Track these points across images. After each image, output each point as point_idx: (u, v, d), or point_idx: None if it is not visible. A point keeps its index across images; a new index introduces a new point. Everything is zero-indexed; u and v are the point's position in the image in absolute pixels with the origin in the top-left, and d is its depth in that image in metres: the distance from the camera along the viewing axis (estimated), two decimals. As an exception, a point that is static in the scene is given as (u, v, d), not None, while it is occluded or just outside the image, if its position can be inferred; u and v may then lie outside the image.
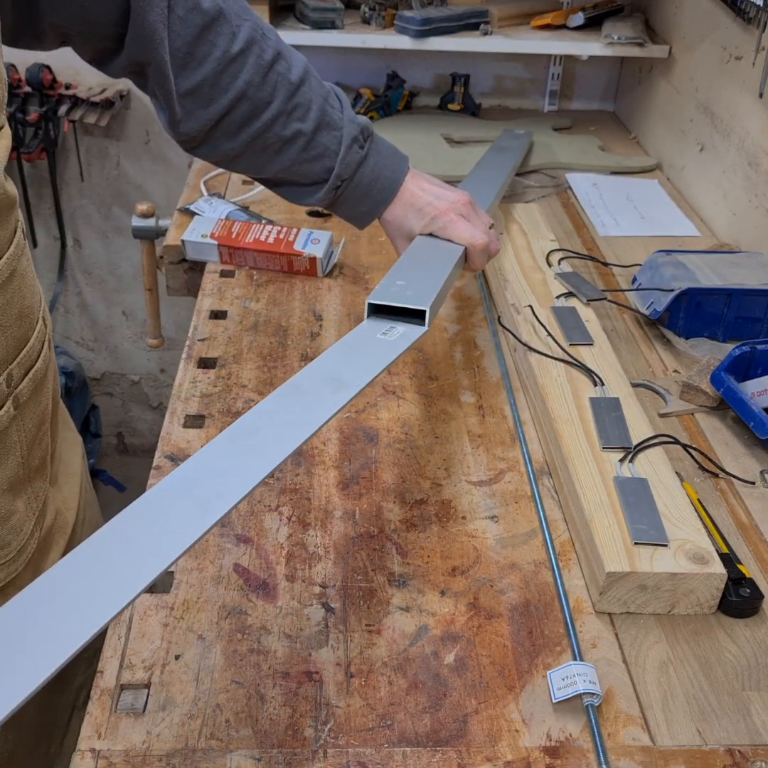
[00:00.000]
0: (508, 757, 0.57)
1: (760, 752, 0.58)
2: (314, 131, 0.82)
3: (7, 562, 0.60)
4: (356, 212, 0.88)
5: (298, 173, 0.84)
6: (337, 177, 0.83)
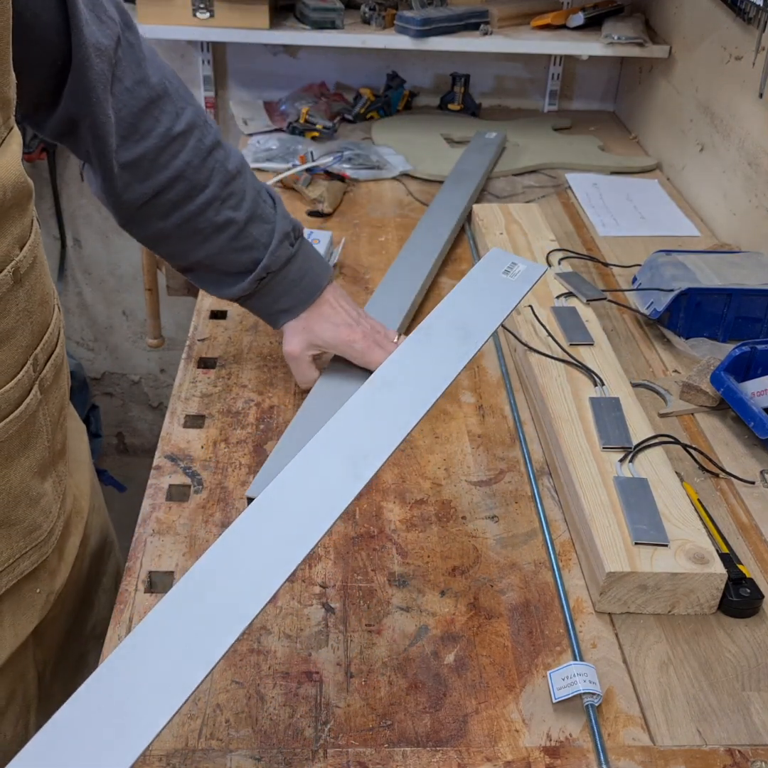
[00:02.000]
0: (508, 757, 0.57)
1: (760, 752, 0.58)
2: (246, 222, 0.81)
3: (39, 545, 0.61)
4: (274, 309, 0.86)
5: (225, 262, 0.82)
6: (264, 268, 0.82)
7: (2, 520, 0.56)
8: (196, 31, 1.53)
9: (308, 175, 1.34)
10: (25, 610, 0.62)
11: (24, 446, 0.57)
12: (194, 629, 0.47)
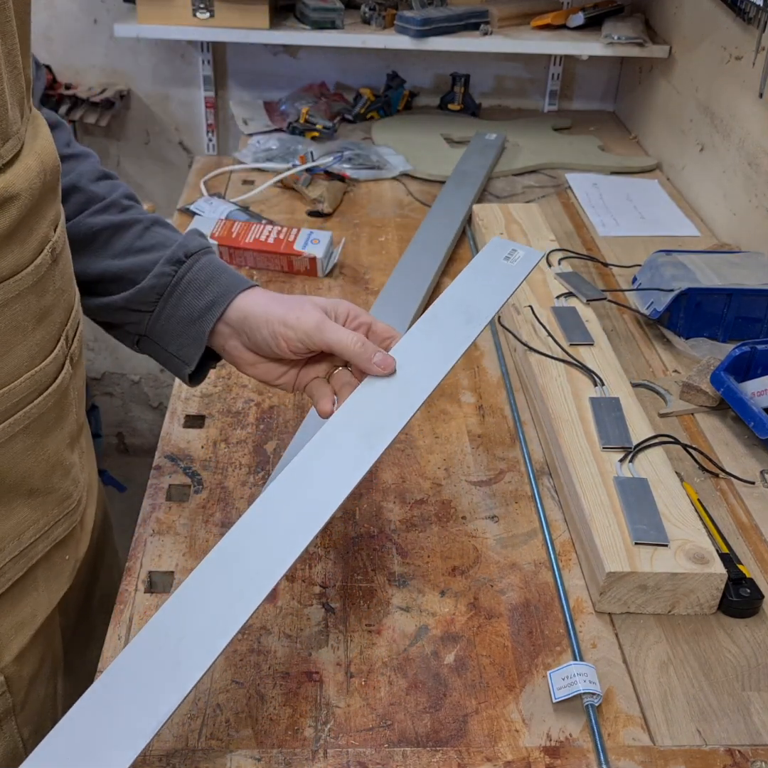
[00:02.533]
0: (508, 757, 0.57)
1: (760, 752, 0.58)
2: (152, 222, 0.72)
3: (69, 513, 0.63)
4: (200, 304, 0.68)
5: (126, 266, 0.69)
6: (180, 246, 0.70)
7: (41, 488, 0.59)
8: (196, 31, 1.53)
9: (308, 175, 1.34)
10: (56, 577, 0.64)
11: (59, 418, 0.59)
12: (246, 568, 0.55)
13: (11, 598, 0.59)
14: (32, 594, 0.61)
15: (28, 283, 0.53)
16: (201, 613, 0.53)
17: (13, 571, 0.58)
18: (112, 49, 1.75)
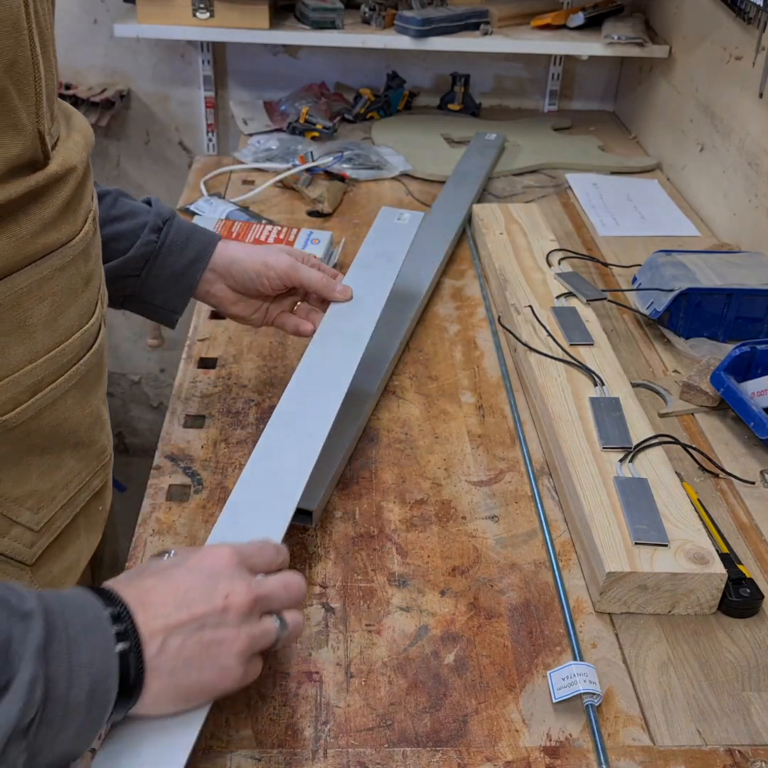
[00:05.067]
0: (508, 757, 0.57)
1: (760, 752, 0.58)
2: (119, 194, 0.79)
3: (104, 465, 0.67)
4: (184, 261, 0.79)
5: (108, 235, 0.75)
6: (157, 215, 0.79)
7: (85, 441, 0.63)
8: (196, 31, 1.53)
9: (308, 175, 1.34)
10: (93, 525, 0.68)
11: (98, 375, 0.64)
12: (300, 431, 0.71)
13: (60, 545, 0.63)
14: (76, 541, 0.65)
15: (78, 249, 0.58)
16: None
17: (61, 519, 0.62)
18: (112, 49, 1.75)
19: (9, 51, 0.48)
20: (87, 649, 0.46)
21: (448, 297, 1.11)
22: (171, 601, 0.51)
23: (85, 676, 0.46)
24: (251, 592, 0.53)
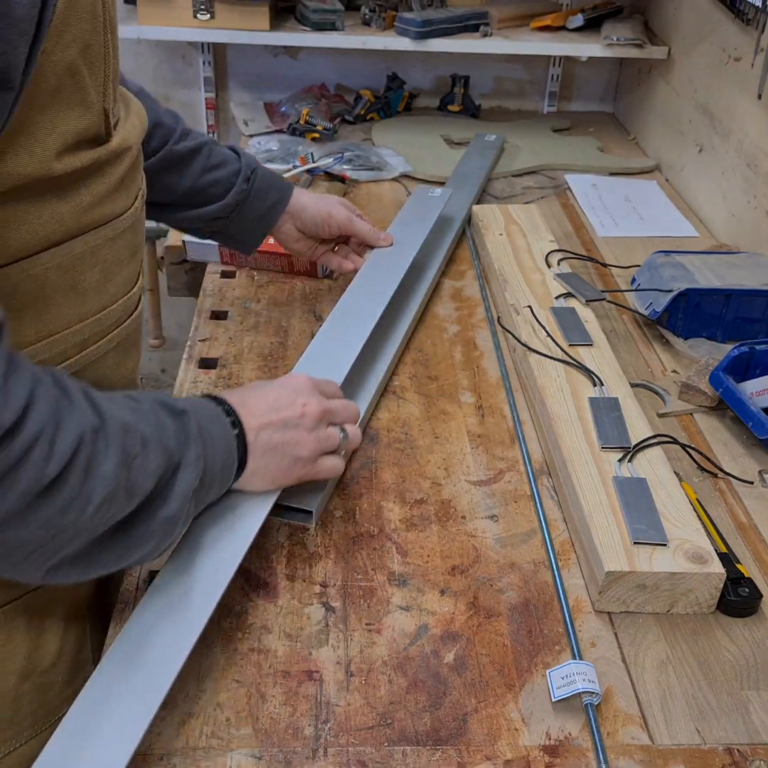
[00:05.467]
0: (507, 756, 0.57)
1: (759, 751, 0.58)
2: (213, 143, 0.94)
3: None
4: (267, 203, 0.97)
5: (208, 181, 0.92)
6: (247, 167, 0.95)
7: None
8: (197, 32, 1.53)
9: (309, 176, 1.34)
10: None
11: (135, 341, 0.71)
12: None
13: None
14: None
15: (128, 223, 0.63)
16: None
17: None
18: (112, 51, 1.76)
19: (86, 35, 0.53)
20: (216, 435, 0.62)
21: (448, 297, 1.11)
22: (263, 406, 0.67)
23: (219, 454, 0.62)
24: (322, 405, 0.70)
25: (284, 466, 0.68)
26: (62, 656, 0.69)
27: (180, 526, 0.59)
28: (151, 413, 0.58)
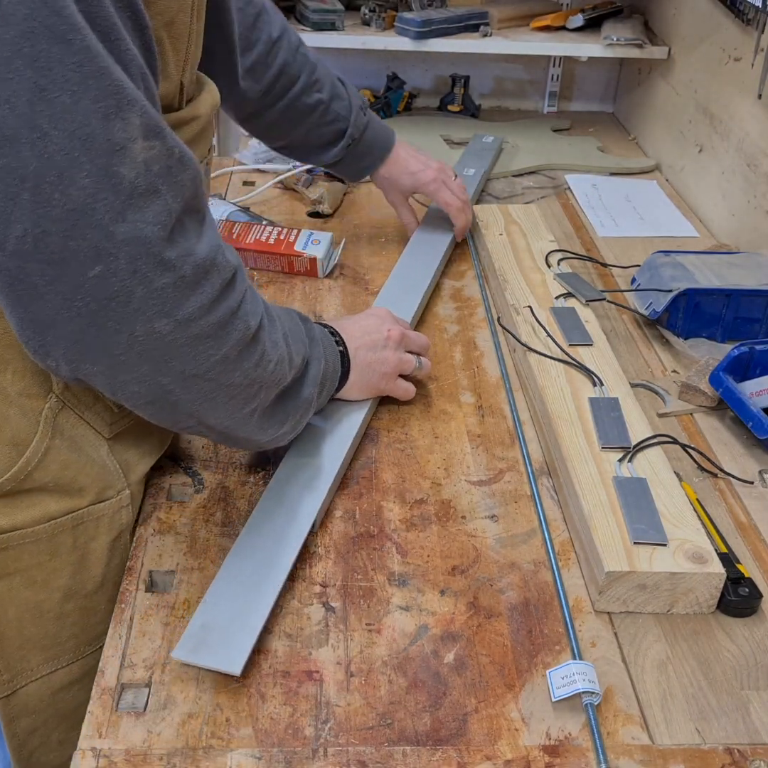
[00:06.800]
0: (507, 756, 0.57)
1: (759, 751, 0.58)
2: (329, 100, 1.04)
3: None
4: (358, 167, 1.11)
5: (317, 135, 1.06)
6: (349, 137, 1.06)
7: None
8: (197, 32, 1.53)
9: (308, 176, 1.34)
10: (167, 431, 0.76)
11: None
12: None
13: (136, 434, 0.73)
14: (150, 436, 0.74)
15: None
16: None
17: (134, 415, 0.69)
18: (112, 51, 1.76)
19: (170, 11, 0.58)
20: (328, 347, 0.76)
21: (448, 297, 1.11)
22: (358, 331, 0.82)
23: (330, 361, 0.76)
24: (402, 331, 0.86)
25: (374, 380, 0.83)
26: (105, 584, 0.73)
27: (311, 409, 0.73)
28: (284, 312, 0.71)
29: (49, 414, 0.66)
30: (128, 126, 0.49)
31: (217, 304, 0.56)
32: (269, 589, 0.65)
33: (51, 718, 0.76)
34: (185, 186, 0.53)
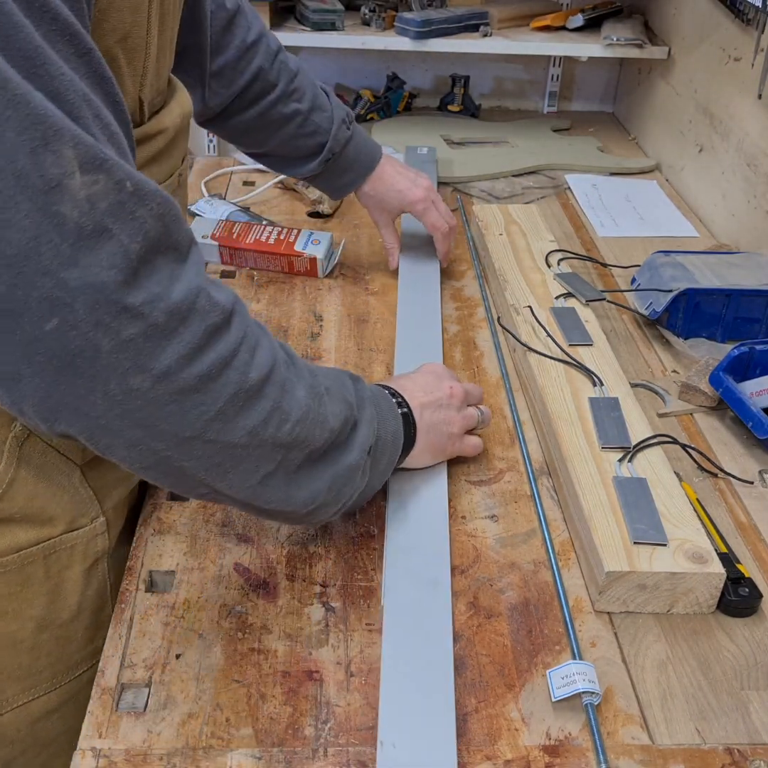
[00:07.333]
0: (507, 756, 0.57)
1: (759, 751, 0.58)
2: (309, 111, 0.99)
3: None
4: (338, 184, 1.05)
5: (294, 147, 1.00)
6: (329, 150, 1.00)
7: None
8: (197, 32, 1.53)
9: (308, 176, 1.34)
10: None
11: None
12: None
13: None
14: None
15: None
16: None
17: None
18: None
19: (123, 27, 0.55)
20: (386, 409, 0.69)
21: (448, 297, 1.11)
22: (419, 389, 0.75)
23: (390, 424, 0.68)
24: (463, 387, 0.79)
25: (442, 443, 0.76)
26: (81, 612, 0.71)
27: (358, 480, 0.64)
28: (330, 371, 0.65)
29: (14, 443, 0.63)
30: (60, 159, 0.43)
31: (201, 353, 0.50)
32: (443, 685, 0.60)
33: (30, 748, 0.73)
34: (145, 222, 0.47)
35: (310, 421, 0.58)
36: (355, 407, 0.64)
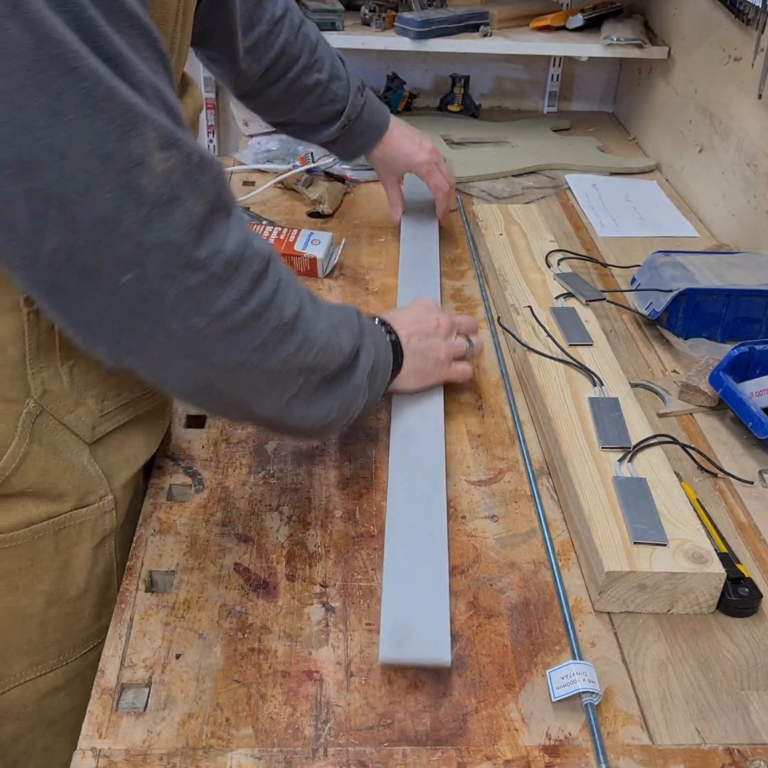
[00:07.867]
0: (507, 756, 0.57)
1: (759, 751, 0.58)
2: (328, 81, 1.07)
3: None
4: (353, 147, 1.14)
5: (315, 115, 1.08)
6: (346, 117, 1.08)
7: None
8: (197, 32, 1.53)
9: (308, 176, 1.34)
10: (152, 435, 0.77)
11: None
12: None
13: (120, 438, 0.72)
14: (134, 441, 0.74)
15: None
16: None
17: (122, 415, 0.72)
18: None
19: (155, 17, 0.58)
20: (378, 337, 0.77)
21: (448, 297, 1.11)
22: (407, 320, 0.83)
23: (382, 350, 0.76)
24: (451, 318, 0.87)
25: (428, 368, 0.84)
26: (89, 590, 0.73)
27: (360, 398, 0.72)
28: (340, 306, 0.74)
29: (27, 419, 0.66)
30: (143, 141, 0.50)
31: (250, 296, 0.57)
32: (439, 577, 0.67)
33: (36, 725, 0.75)
34: (207, 188, 0.54)
35: (330, 348, 0.66)
36: (359, 336, 0.72)
